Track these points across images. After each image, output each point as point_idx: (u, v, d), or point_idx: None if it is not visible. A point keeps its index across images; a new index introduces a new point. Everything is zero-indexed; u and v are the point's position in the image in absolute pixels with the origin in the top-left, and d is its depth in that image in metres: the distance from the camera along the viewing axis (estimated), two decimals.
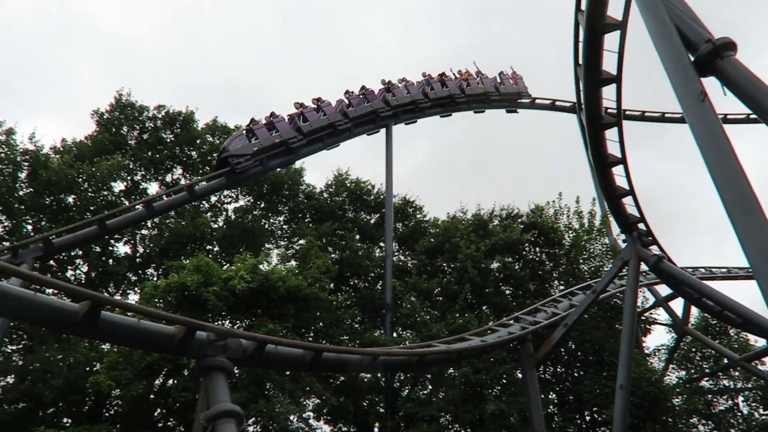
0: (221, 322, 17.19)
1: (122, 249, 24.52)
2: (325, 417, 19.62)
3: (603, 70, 13.06)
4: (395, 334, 21.88)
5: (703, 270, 26.04)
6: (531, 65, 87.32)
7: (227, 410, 8.05)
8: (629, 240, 17.31)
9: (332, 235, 25.41)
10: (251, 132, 20.68)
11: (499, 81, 30.38)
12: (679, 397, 23.72)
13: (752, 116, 29.57)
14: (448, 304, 22.48)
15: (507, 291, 24.04)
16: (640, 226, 17.60)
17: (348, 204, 27.97)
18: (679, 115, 32.57)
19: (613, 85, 13.45)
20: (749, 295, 18.55)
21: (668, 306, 25.18)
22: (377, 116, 24.84)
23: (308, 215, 27.51)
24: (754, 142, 46.09)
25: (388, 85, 25.59)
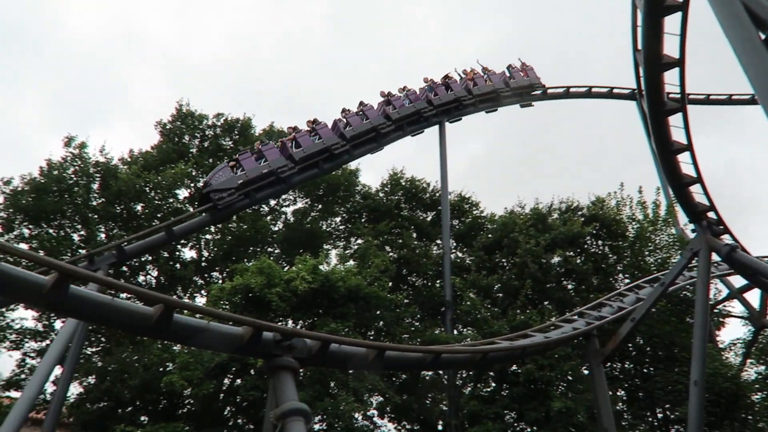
0: (284, 323, 17.60)
1: (188, 254, 25.52)
2: (388, 415, 19.77)
3: (664, 54, 12.55)
4: (456, 332, 21.80)
5: None
6: (585, 53, 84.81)
7: (296, 408, 8.25)
8: (698, 230, 16.59)
9: (389, 234, 25.54)
10: (238, 163, 19.17)
11: (509, 75, 28.42)
12: (759, 394, 22.54)
13: None
14: (508, 300, 22.20)
15: (569, 286, 23.55)
16: (710, 214, 16.86)
17: (404, 203, 28.04)
18: (747, 97, 30.99)
19: (675, 69, 12.93)
20: None
21: (743, 298, 24.04)
22: (378, 133, 22.68)
23: (365, 215, 27.74)
24: None
25: (387, 97, 23.58)
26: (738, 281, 23.07)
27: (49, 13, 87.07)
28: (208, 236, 25.66)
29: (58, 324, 21.47)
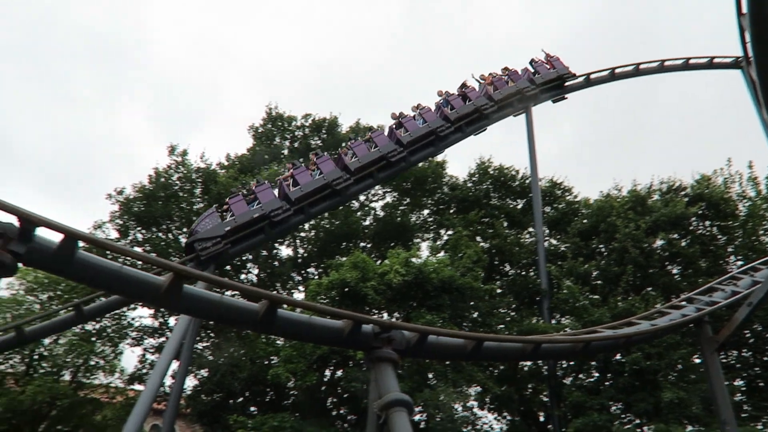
0: (379, 315, 17.91)
1: (285, 251, 26.53)
2: (488, 406, 19.62)
3: None
4: (554, 321, 21.28)
5: None
6: (675, 28, 79.56)
7: (398, 399, 8.38)
8: None
9: (479, 224, 25.28)
10: (228, 208, 17.53)
11: (533, 71, 25.56)
12: None
13: None
14: (609, 287, 21.37)
15: (674, 270, 22.28)
16: None
17: (493, 191, 27.64)
18: None
19: None
20: None
21: None
22: (388, 161, 19.85)
23: (453, 206, 27.60)
24: None
25: (399, 119, 21.15)
26: None
27: (143, 32, 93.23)
28: (302, 234, 26.53)
29: (171, 321, 23.09)
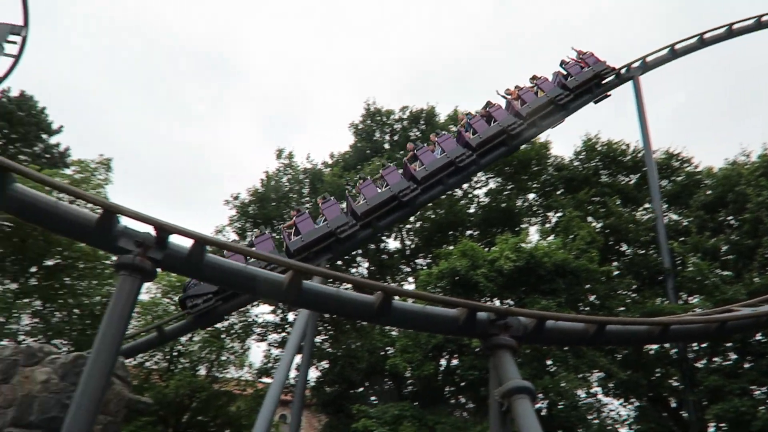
0: (491, 303, 17.69)
1: (392, 244, 26.93)
2: (613, 392, 18.81)
3: None
4: (680, 301, 19.95)
5: None
6: None
7: (520, 386, 8.27)
8: None
9: (590, 204, 24.19)
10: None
11: (564, 73, 22.13)
12: None
13: None
14: (742, 262, 19.67)
15: None
16: None
17: (602, 168, 26.34)
18: None
19: None
20: None
21: None
22: (400, 202, 17.92)
23: (560, 187, 26.62)
24: None
25: (413, 152, 19.01)
26: None
27: (242, 45, 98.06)
28: (408, 225, 26.80)
29: (290, 316, 24.24)
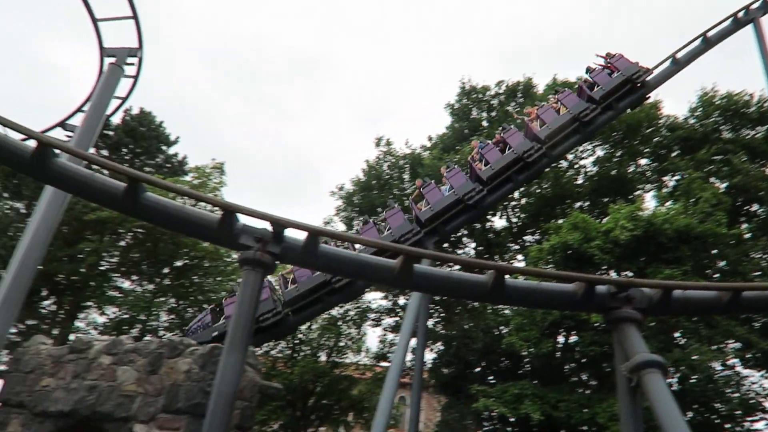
0: (608, 274, 16.93)
1: (498, 223, 26.48)
2: (753, 363, 17.43)
3: None
4: None
5: None
6: None
7: (650, 360, 7.83)
8: None
9: (711, 163, 22.36)
10: (220, 308, 15.05)
11: (592, 81, 17.70)
12: None
13: None
14: None
15: None
16: None
17: (723, 123, 24.23)
18: None
19: None
20: None
21: None
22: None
23: (676, 148, 24.81)
24: None
25: (420, 189, 17.44)
26: None
27: (333, 42, 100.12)
28: (513, 203, 26.23)
29: (401, 300, 24.61)
